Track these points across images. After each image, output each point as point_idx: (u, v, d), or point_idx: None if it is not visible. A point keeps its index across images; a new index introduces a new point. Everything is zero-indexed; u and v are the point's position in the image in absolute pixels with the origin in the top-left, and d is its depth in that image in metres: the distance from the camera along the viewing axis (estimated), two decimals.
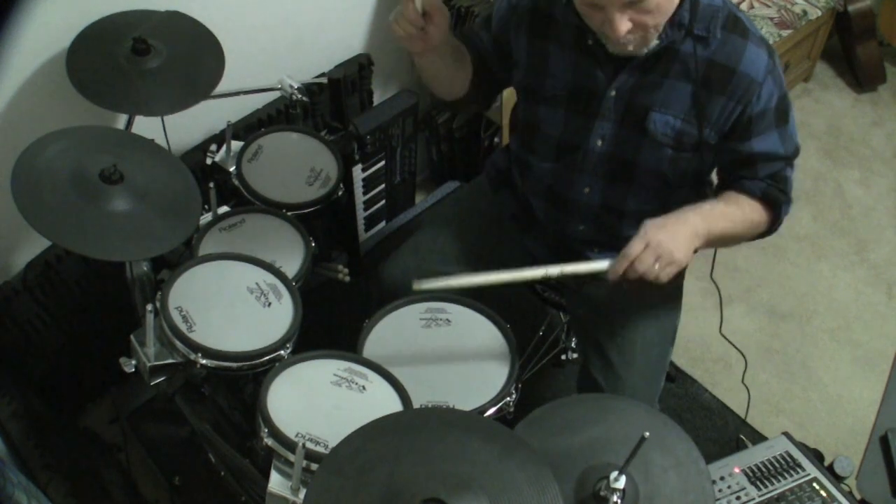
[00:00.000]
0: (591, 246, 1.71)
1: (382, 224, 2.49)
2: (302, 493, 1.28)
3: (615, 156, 1.54)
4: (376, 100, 2.48)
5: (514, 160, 1.74)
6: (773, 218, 1.56)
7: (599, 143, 1.53)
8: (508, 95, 2.38)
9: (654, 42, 1.38)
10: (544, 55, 1.53)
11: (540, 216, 1.73)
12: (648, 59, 1.42)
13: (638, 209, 1.61)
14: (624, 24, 1.32)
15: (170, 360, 1.45)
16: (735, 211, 1.51)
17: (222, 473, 1.67)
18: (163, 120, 1.81)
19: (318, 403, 1.39)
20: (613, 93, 1.48)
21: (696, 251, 1.44)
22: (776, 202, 1.53)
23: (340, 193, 1.82)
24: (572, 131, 1.56)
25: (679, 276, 1.76)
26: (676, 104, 1.45)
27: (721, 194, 1.55)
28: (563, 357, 2.32)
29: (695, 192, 1.63)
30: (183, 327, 1.44)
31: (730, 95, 1.43)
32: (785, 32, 2.88)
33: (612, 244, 1.67)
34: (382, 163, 2.33)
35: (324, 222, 1.84)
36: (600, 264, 1.41)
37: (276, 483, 1.31)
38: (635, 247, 1.37)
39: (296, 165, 1.84)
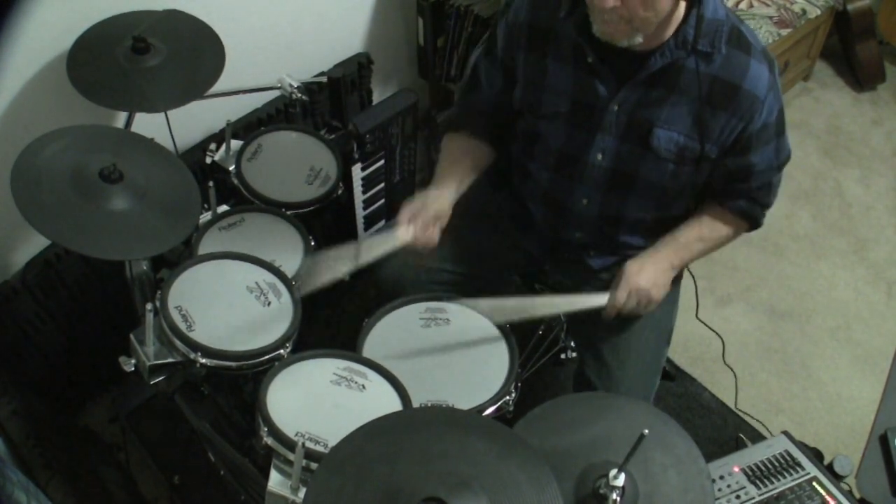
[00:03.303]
0: (587, 250, 1.71)
1: (382, 223, 2.49)
2: (301, 493, 1.28)
3: (615, 169, 1.54)
4: (376, 99, 2.48)
5: (514, 165, 1.74)
6: (749, 227, 1.65)
7: (600, 156, 1.53)
8: None
9: (638, 39, 1.36)
10: (542, 71, 1.52)
11: (538, 221, 1.73)
12: (652, 75, 1.42)
13: (636, 218, 1.61)
14: (610, 0, 1.30)
15: (169, 360, 1.45)
16: (709, 234, 1.62)
17: (222, 472, 1.67)
18: (167, 116, 1.81)
19: (317, 402, 1.39)
20: (616, 107, 1.47)
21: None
22: (754, 219, 1.62)
23: (340, 192, 1.82)
24: (573, 144, 1.55)
25: (676, 278, 1.76)
26: (680, 120, 1.45)
27: (698, 213, 1.63)
28: (563, 356, 2.32)
29: (692, 199, 1.63)
30: (182, 326, 1.44)
31: (733, 112, 1.43)
32: (784, 31, 2.88)
33: (609, 249, 1.67)
34: (382, 162, 2.33)
35: (323, 221, 1.84)
36: (599, 300, 1.57)
37: (276, 482, 1.31)
38: (620, 296, 1.54)
39: (295, 164, 1.84)
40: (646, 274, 1.54)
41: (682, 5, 1.35)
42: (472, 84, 1.68)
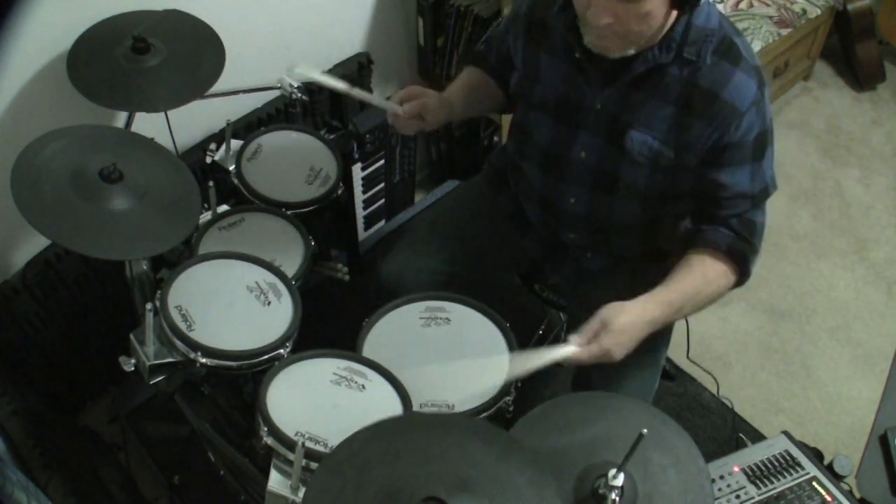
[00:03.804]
0: (584, 251, 1.71)
1: (382, 223, 2.49)
2: (301, 492, 1.28)
3: (598, 168, 1.53)
4: None
5: (509, 164, 1.74)
6: (740, 274, 1.50)
7: (583, 154, 1.53)
8: None
9: (630, 51, 1.36)
10: (537, 62, 1.53)
11: (533, 221, 1.73)
12: (635, 77, 1.41)
13: (624, 221, 1.60)
14: (605, 17, 1.28)
15: (169, 359, 1.45)
16: (700, 285, 1.46)
17: (222, 472, 1.67)
18: (167, 116, 1.81)
19: (317, 402, 1.39)
20: (599, 106, 1.47)
21: None
22: (743, 257, 1.47)
23: (340, 192, 1.82)
24: (558, 141, 1.56)
25: None
26: (657, 125, 1.43)
27: (686, 257, 1.48)
28: None
29: (681, 207, 1.60)
30: (182, 326, 1.44)
31: (710, 121, 1.39)
32: (784, 31, 2.88)
33: (605, 251, 1.67)
34: (382, 161, 2.33)
35: (323, 221, 1.84)
36: (566, 351, 1.41)
37: (276, 482, 1.31)
38: (592, 327, 1.39)
39: (295, 164, 1.84)
40: (621, 333, 1.38)
41: (673, 12, 1.34)
42: (485, 43, 1.73)
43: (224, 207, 1.75)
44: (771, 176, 1.46)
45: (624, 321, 1.38)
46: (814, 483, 1.51)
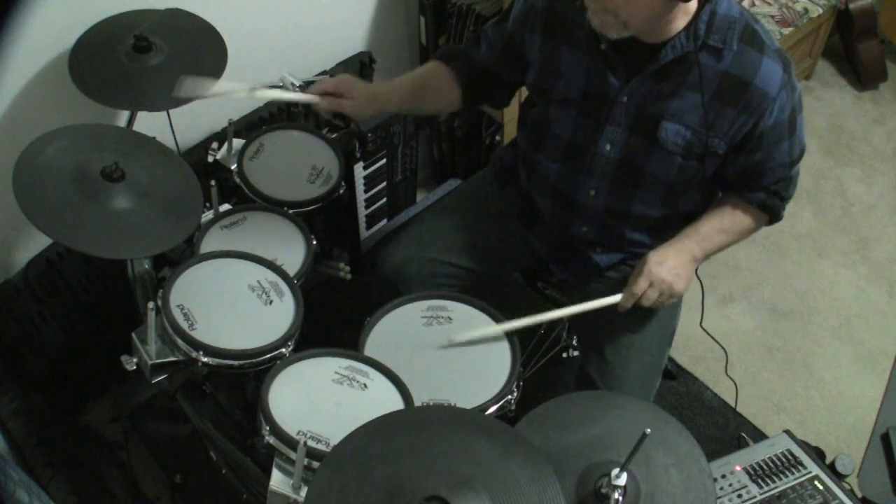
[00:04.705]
0: (594, 247, 1.71)
1: (384, 222, 2.49)
2: (303, 491, 1.28)
3: (623, 161, 1.54)
4: None
5: (522, 157, 1.74)
6: (770, 220, 1.63)
7: (608, 147, 1.53)
8: None
9: (626, 34, 1.37)
10: (557, 56, 1.53)
11: (544, 214, 1.73)
12: (662, 67, 1.42)
13: (641, 213, 1.61)
14: None
15: (171, 358, 1.45)
16: (731, 225, 1.60)
17: (224, 471, 1.67)
18: (169, 115, 1.81)
19: (319, 401, 1.39)
20: (625, 98, 1.47)
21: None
22: (773, 210, 1.60)
23: (342, 191, 1.82)
24: (582, 134, 1.55)
25: None
26: (688, 114, 1.45)
27: (719, 205, 1.61)
28: (565, 355, 2.31)
29: (701, 195, 1.62)
30: (184, 325, 1.44)
31: (742, 108, 1.42)
32: (786, 30, 2.88)
33: (616, 245, 1.67)
34: (384, 161, 2.33)
35: (325, 220, 1.84)
36: (612, 299, 1.55)
37: (278, 481, 1.31)
38: (640, 285, 1.51)
39: (297, 163, 1.84)
40: (668, 265, 1.52)
41: (682, 5, 1.35)
42: (474, 41, 1.72)
43: (226, 206, 1.75)
44: (804, 138, 1.54)
45: (671, 265, 1.53)
46: (815, 482, 1.51)
